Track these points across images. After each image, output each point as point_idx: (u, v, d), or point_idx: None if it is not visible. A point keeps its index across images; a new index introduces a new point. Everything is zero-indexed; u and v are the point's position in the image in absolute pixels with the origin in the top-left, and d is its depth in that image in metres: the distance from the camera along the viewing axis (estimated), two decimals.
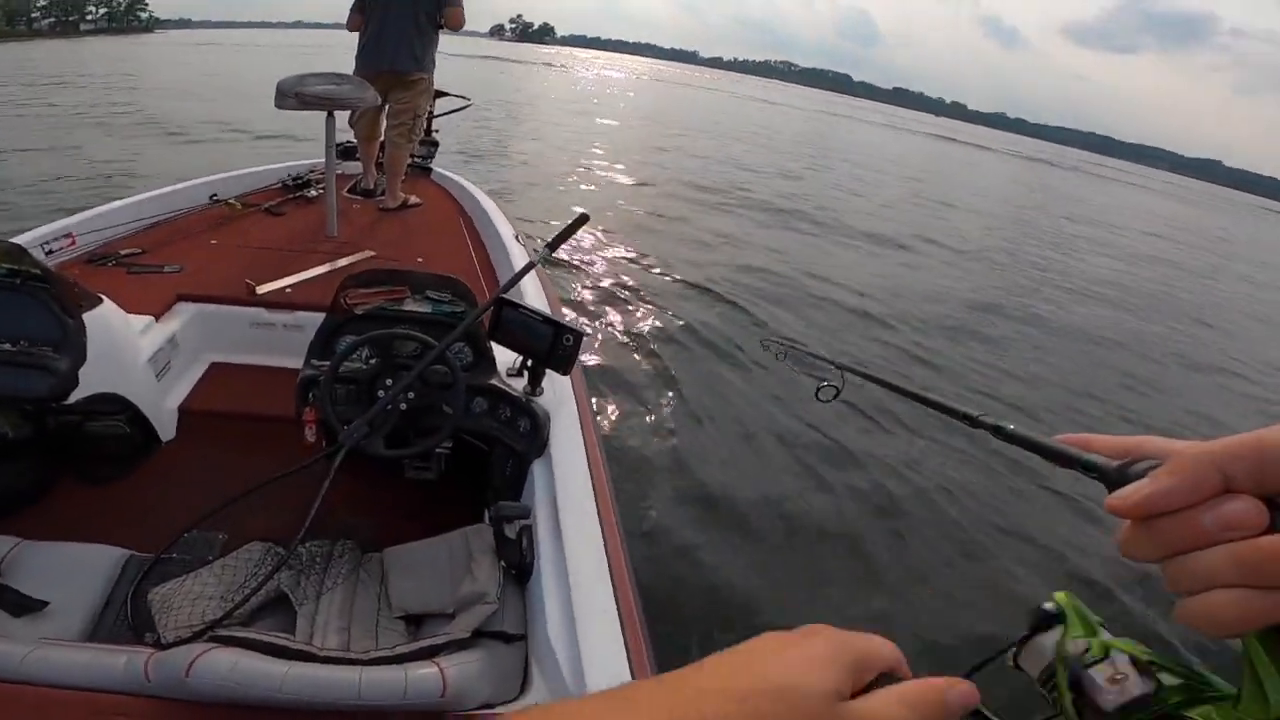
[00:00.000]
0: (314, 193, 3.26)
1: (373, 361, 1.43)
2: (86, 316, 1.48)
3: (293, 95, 2.57)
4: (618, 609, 1.06)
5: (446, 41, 3.44)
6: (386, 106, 3.34)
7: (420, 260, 2.64)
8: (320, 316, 1.60)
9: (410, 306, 1.58)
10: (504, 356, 1.58)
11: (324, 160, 3.16)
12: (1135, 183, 53.67)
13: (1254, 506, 0.23)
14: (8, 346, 1.36)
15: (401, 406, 1.35)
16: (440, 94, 4.11)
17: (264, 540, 1.29)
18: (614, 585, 1.10)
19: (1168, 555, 0.25)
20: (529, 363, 1.53)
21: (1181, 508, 0.24)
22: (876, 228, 9.31)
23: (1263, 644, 0.23)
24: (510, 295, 1.52)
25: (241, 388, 2.03)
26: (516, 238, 2.78)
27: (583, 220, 1.59)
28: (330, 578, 1.21)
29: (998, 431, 0.42)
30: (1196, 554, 0.24)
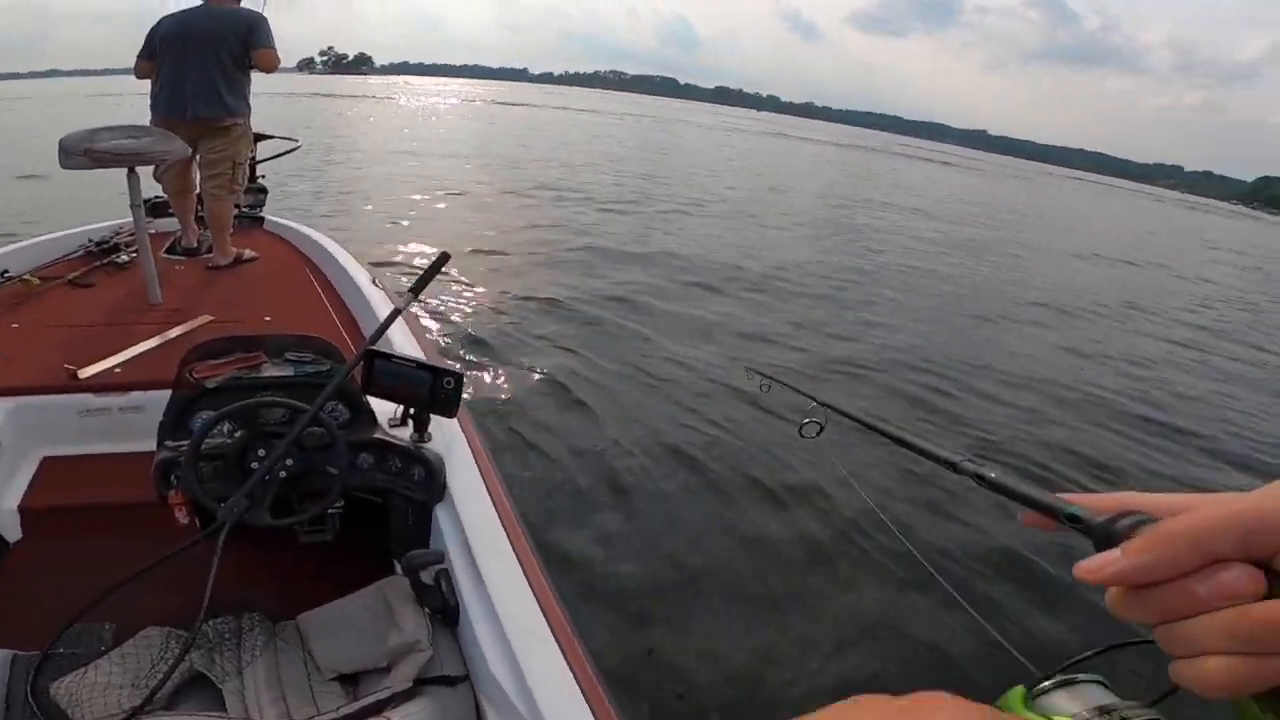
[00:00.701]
0: (125, 257, 2.90)
1: (238, 434, 1.35)
2: None
3: (81, 153, 2.29)
4: (553, 634, 1.08)
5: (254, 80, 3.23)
6: (198, 157, 3.06)
7: (268, 320, 2.46)
8: (161, 394, 1.48)
9: (270, 372, 1.50)
10: (385, 408, 1.54)
11: (131, 221, 2.87)
12: (931, 158, 61.69)
13: (1249, 574, 0.23)
14: None
15: (281, 474, 1.30)
16: (261, 137, 3.85)
17: (160, 625, 1.20)
18: (544, 612, 1.12)
19: (1159, 621, 0.24)
20: (411, 411, 1.51)
21: (1156, 582, 0.24)
22: (729, 228, 9.94)
23: (1258, 704, 0.23)
24: (379, 346, 1.49)
25: (86, 479, 1.84)
26: (374, 283, 2.67)
27: (444, 259, 1.58)
28: (246, 651, 1.16)
29: (980, 480, 0.41)
30: (1187, 622, 0.23)
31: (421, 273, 1.55)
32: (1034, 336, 6.56)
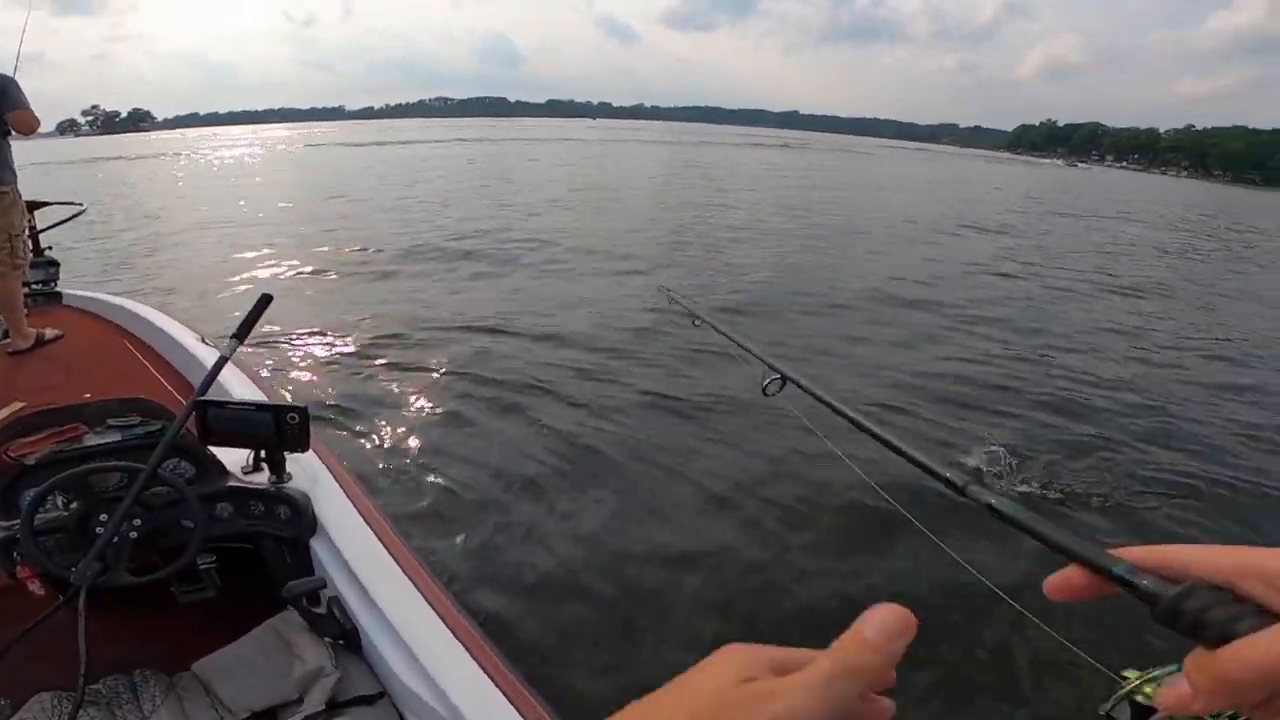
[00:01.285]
0: None
1: (74, 505, 1.31)
2: None
3: None
4: (460, 641, 1.11)
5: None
6: None
7: (88, 397, 2.31)
8: None
9: (94, 441, 1.44)
10: (237, 455, 1.52)
11: None
12: (761, 143, 66.56)
13: None
14: None
15: (132, 535, 1.27)
16: (37, 205, 3.49)
17: (49, 690, 1.17)
18: (445, 621, 1.15)
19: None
20: (262, 453, 1.50)
21: None
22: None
23: None
24: (212, 395, 1.47)
25: None
26: (203, 340, 2.57)
27: (266, 301, 1.55)
28: (145, 704, 1.15)
29: (992, 511, 0.35)
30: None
31: (244, 316, 1.52)
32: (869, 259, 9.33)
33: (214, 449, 1.47)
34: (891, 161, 51.25)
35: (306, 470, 1.55)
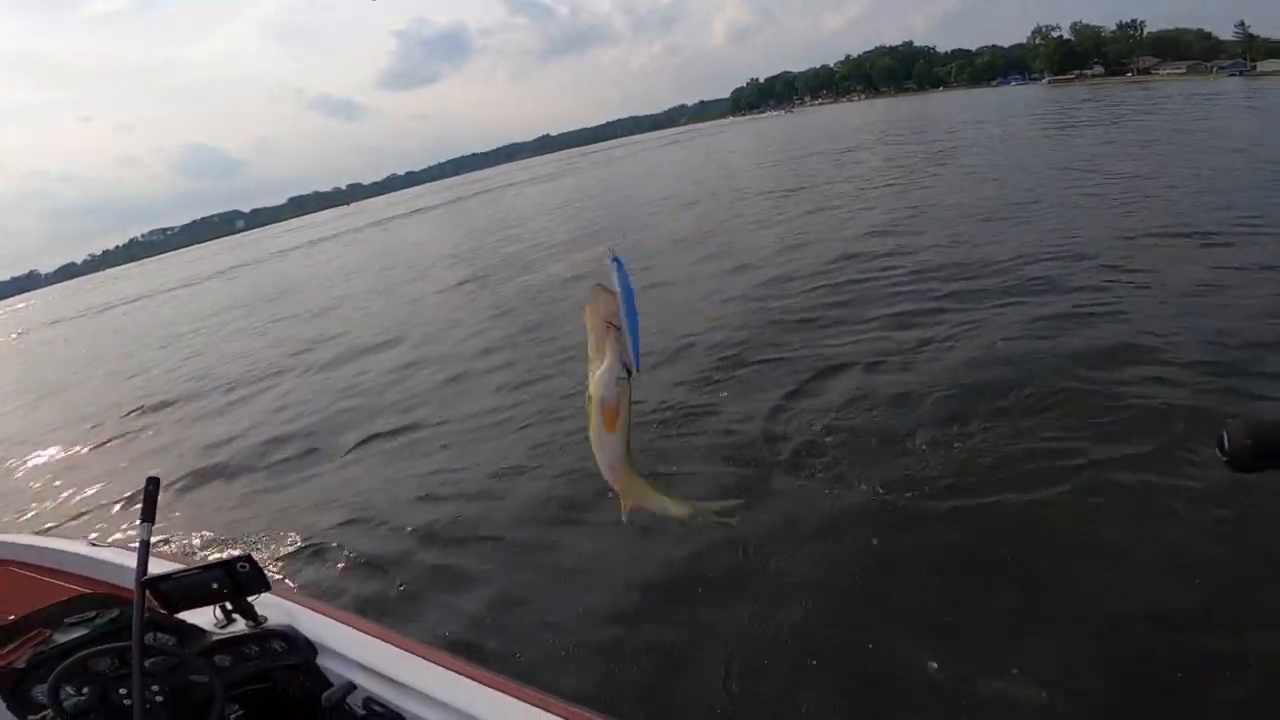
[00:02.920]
0: None
1: (85, 691, 1.36)
2: None
3: None
4: (497, 690, 1.27)
5: None
6: None
7: (11, 617, 2.22)
8: None
9: (64, 638, 1.49)
10: (207, 617, 1.59)
11: None
12: (523, 180, 67.19)
13: None
14: None
15: (159, 699, 1.35)
16: None
17: None
18: (472, 680, 1.32)
19: None
20: (227, 606, 1.58)
21: None
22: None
23: None
24: (151, 574, 1.49)
25: None
26: (94, 543, 2.52)
27: (155, 482, 1.58)
28: None
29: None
30: None
31: (143, 503, 1.54)
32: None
33: (182, 615, 1.53)
34: (642, 155, 55.78)
35: (281, 607, 1.63)
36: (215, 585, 1.54)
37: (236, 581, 1.53)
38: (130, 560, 2.17)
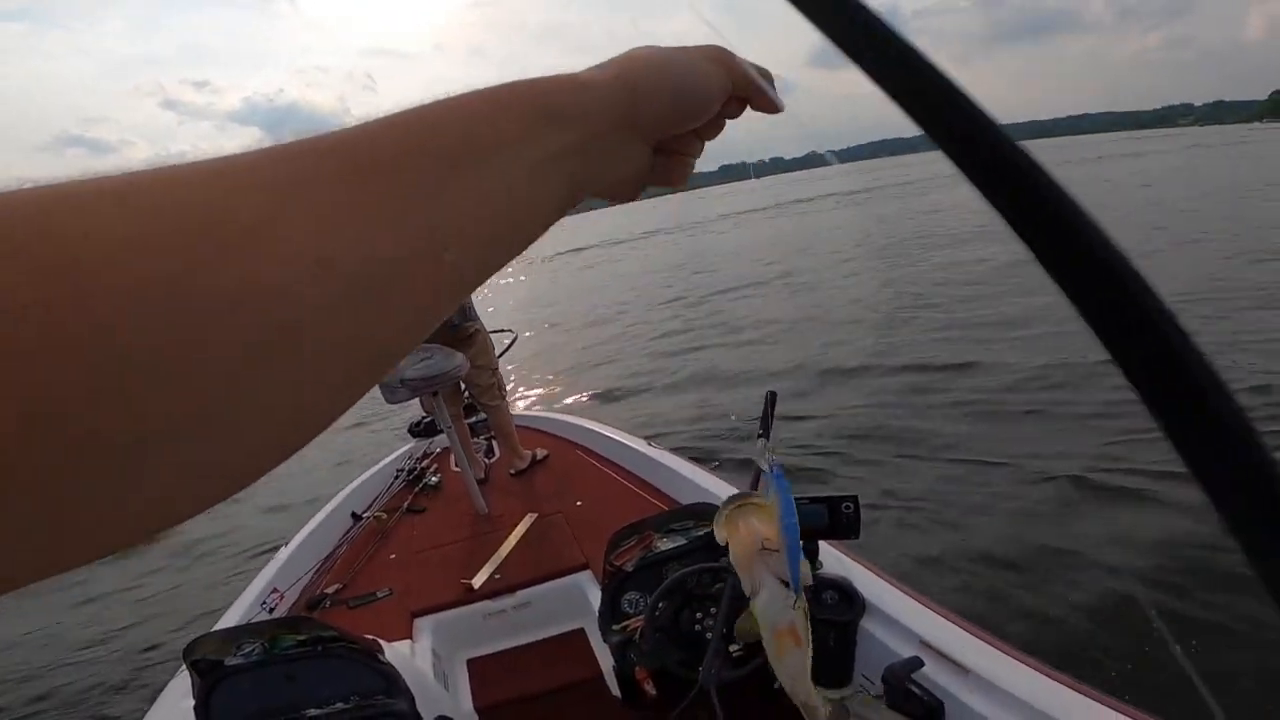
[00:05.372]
0: (434, 479, 3.24)
1: (661, 605, 1.40)
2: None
3: (399, 384, 2.40)
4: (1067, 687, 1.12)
5: None
6: None
7: (580, 504, 2.70)
8: (539, 589, 1.99)
9: (665, 546, 1.57)
10: None
11: (414, 445, 3.42)
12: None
13: None
14: (344, 705, 1.38)
15: (725, 631, 1.29)
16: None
17: None
18: (1041, 674, 1.17)
19: None
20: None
21: None
22: None
23: None
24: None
25: (510, 672, 2.07)
26: (650, 443, 2.81)
27: (773, 397, 1.49)
28: None
29: None
30: None
31: (760, 418, 1.51)
32: None
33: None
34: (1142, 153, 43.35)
35: (823, 549, 1.57)
36: (812, 521, 1.47)
37: (834, 522, 1.40)
38: (687, 469, 2.44)
